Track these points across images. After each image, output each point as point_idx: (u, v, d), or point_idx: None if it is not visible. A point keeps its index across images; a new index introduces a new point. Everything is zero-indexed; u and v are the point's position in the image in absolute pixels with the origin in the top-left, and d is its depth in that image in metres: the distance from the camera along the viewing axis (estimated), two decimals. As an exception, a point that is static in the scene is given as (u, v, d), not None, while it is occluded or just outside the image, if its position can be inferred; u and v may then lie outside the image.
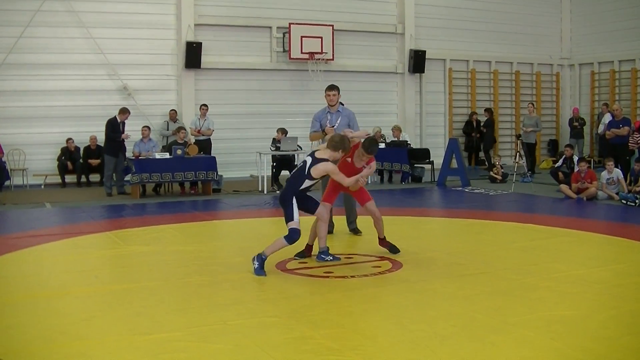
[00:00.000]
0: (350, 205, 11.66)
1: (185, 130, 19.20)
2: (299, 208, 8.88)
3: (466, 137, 25.53)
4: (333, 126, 11.48)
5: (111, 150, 17.79)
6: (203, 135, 19.95)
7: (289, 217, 8.80)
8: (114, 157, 17.74)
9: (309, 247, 9.72)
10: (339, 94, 12.03)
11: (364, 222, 11.23)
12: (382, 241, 9.92)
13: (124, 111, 18.02)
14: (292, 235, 8.71)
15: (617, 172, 16.30)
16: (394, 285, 8.19)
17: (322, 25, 22.75)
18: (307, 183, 8.90)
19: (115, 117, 17.87)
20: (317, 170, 8.82)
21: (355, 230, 11.69)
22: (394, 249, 9.78)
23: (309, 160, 8.93)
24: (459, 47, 26.02)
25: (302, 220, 8.85)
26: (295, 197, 8.87)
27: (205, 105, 20.32)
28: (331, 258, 9.41)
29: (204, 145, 19.69)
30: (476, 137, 25.38)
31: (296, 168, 9.13)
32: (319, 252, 9.43)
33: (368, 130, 13.58)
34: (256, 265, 8.74)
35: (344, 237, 10.73)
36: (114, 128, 17.72)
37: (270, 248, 8.88)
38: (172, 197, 17.70)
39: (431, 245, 10.69)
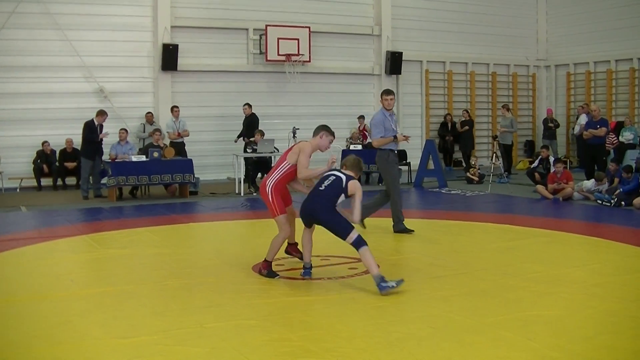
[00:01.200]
0: (395, 207, 11.87)
1: (161, 132, 19.15)
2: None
3: (440, 140, 25.56)
4: (408, 137, 12.29)
5: (88, 153, 17.68)
6: (182, 137, 19.91)
7: (346, 229, 8.14)
8: (91, 160, 17.63)
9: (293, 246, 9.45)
10: (394, 98, 12.14)
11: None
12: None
13: (102, 113, 17.91)
14: (361, 241, 8.10)
15: (605, 187, 16.29)
16: (371, 286, 8.17)
17: (298, 27, 22.75)
18: (341, 198, 8.41)
19: (92, 119, 17.76)
20: (351, 188, 8.37)
21: (405, 230, 11.78)
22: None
23: (341, 175, 8.44)
24: (436, 48, 26.11)
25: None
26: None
27: (176, 106, 20.26)
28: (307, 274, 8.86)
29: (179, 147, 19.63)
30: (450, 140, 25.45)
31: (325, 183, 8.42)
32: (304, 267, 8.98)
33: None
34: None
35: (319, 239, 10.72)
36: (92, 130, 17.61)
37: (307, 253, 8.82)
38: (149, 200, 17.63)
39: (408, 246, 10.71)
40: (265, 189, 8.72)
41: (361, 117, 23.16)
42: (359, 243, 8.03)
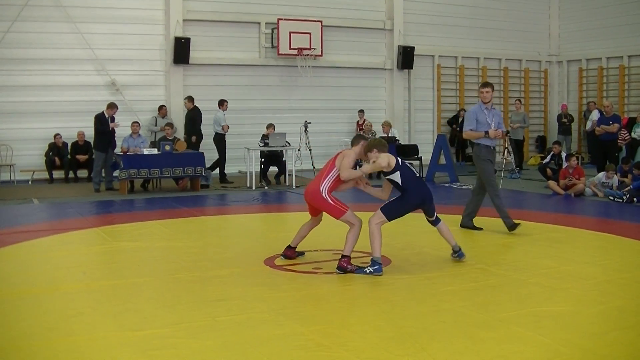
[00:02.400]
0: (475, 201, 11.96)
1: (173, 126, 19.15)
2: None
3: (450, 130, 25.55)
4: (506, 131, 11.76)
5: (101, 145, 17.72)
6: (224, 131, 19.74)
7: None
8: (104, 152, 17.66)
9: (291, 249, 9.48)
10: (492, 91, 11.63)
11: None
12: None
13: (112, 106, 17.93)
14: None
15: (615, 180, 16.25)
16: (382, 281, 8.19)
17: (310, 21, 22.73)
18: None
19: (102, 112, 17.79)
20: None
21: (473, 227, 11.80)
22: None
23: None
24: (448, 43, 26.05)
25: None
26: None
27: (226, 100, 20.16)
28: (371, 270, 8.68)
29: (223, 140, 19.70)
30: (457, 130, 25.43)
31: (412, 169, 9.05)
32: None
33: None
34: (374, 268, 8.57)
35: (331, 232, 10.70)
36: (102, 123, 17.64)
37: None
38: (160, 193, 17.65)
39: (419, 241, 10.70)
40: (321, 195, 8.82)
41: (361, 111, 23.18)
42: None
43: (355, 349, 5.88)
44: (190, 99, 20.18)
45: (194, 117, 19.94)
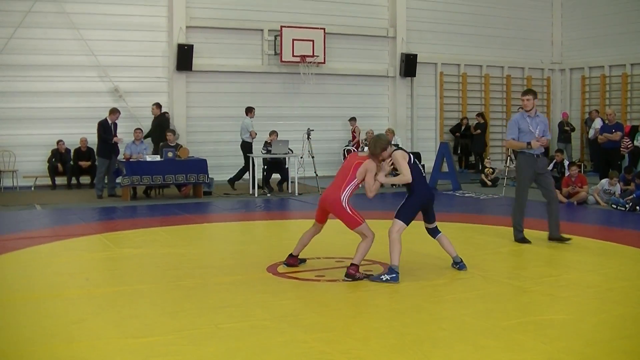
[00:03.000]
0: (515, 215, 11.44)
1: (175, 133, 19.15)
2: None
3: (454, 139, 25.60)
4: (543, 139, 11.07)
5: (104, 152, 17.74)
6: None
7: None
8: (107, 159, 17.68)
9: (294, 257, 9.46)
10: (534, 98, 11.23)
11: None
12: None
13: (114, 111, 17.96)
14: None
15: (618, 188, 16.23)
16: (385, 288, 8.19)
17: (313, 28, 22.76)
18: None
19: (105, 118, 17.82)
20: None
21: (560, 239, 11.18)
22: None
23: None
24: (450, 51, 26.06)
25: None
26: None
27: (253, 107, 20.26)
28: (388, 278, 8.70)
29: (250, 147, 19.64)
30: (459, 138, 25.46)
31: (419, 167, 9.20)
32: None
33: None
34: (391, 276, 8.60)
35: (333, 240, 10.70)
36: (106, 129, 17.67)
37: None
38: (163, 199, 17.66)
39: (422, 249, 10.69)
40: (341, 204, 8.79)
41: (352, 119, 23.23)
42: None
43: (357, 356, 5.88)
44: (157, 105, 20.07)
45: (161, 123, 19.78)
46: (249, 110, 19.94)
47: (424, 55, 25.13)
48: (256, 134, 19.45)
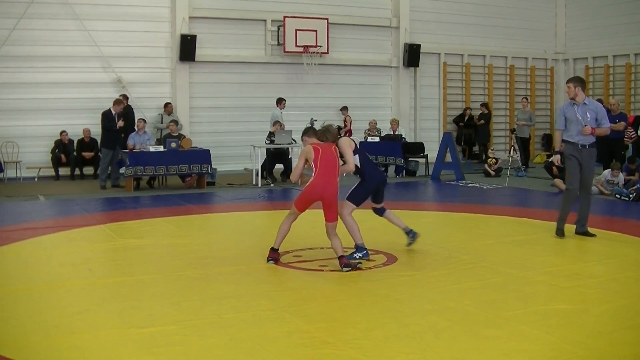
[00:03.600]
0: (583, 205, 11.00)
1: (177, 123, 19.13)
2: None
3: (457, 129, 25.58)
4: (589, 129, 10.53)
5: (108, 142, 17.72)
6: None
7: None
8: (111, 150, 17.67)
9: (276, 252, 9.29)
10: (575, 86, 10.62)
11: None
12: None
13: (118, 102, 17.93)
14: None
15: (620, 178, 16.19)
16: (388, 279, 8.19)
17: (316, 18, 22.74)
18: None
19: (109, 109, 17.80)
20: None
21: (585, 233, 10.92)
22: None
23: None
24: (454, 41, 26.02)
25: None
26: None
27: (284, 98, 20.38)
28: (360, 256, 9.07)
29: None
30: (463, 128, 25.43)
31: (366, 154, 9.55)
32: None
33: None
34: (362, 253, 8.92)
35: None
36: (109, 120, 17.64)
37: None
38: (166, 190, 17.66)
39: (425, 239, 10.67)
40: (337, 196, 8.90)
41: (344, 109, 23.28)
42: None
43: (360, 346, 5.88)
44: (124, 96, 19.57)
45: (127, 113, 19.06)
46: (279, 101, 19.90)
47: (427, 46, 25.10)
48: (281, 124, 19.36)
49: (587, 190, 10.97)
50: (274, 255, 9.18)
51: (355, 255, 8.90)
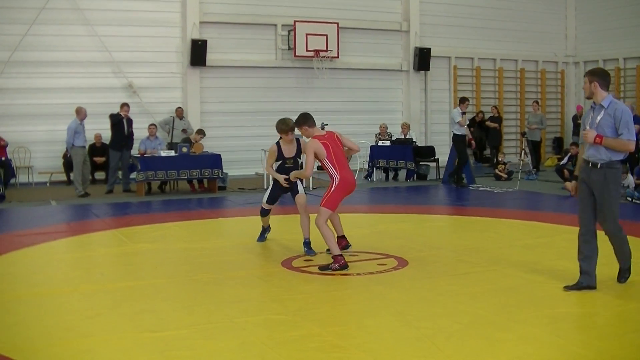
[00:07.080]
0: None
1: (187, 130, 19.16)
2: None
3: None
4: (589, 134, 7.83)
5: (114, 144, 17.80)
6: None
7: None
8: (118, 151, 17.72)
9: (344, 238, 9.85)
10: (591, 81, 7.94)
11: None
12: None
13: (124, 105, 17.96)
14: None
15: (630, 181, 16.14)
16: (399, 282, 8.20)
17: (327, 22, 22.77)
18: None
19: (118, 112, 17.86)
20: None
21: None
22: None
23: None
24: (464, 44, 26.01)
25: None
26: None
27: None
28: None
29: None
30: (474, 132, 25.34)
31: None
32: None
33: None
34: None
35: (349, 234, 10.69)
36: (116, 117, 17.69)
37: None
38: (177, 194, 17.71)
39: (436, 242, 10.69)
40: None
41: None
42: None
43: (371, 350, 5.89)
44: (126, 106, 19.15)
45: (115, 124, 18.89)
46: (462, 101, 19.20)
47: (438, 49, 25.10)
48: (467, 122, 19.27)
49: (608, 228, 8.06)
50: (342, 243, 9.70)
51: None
